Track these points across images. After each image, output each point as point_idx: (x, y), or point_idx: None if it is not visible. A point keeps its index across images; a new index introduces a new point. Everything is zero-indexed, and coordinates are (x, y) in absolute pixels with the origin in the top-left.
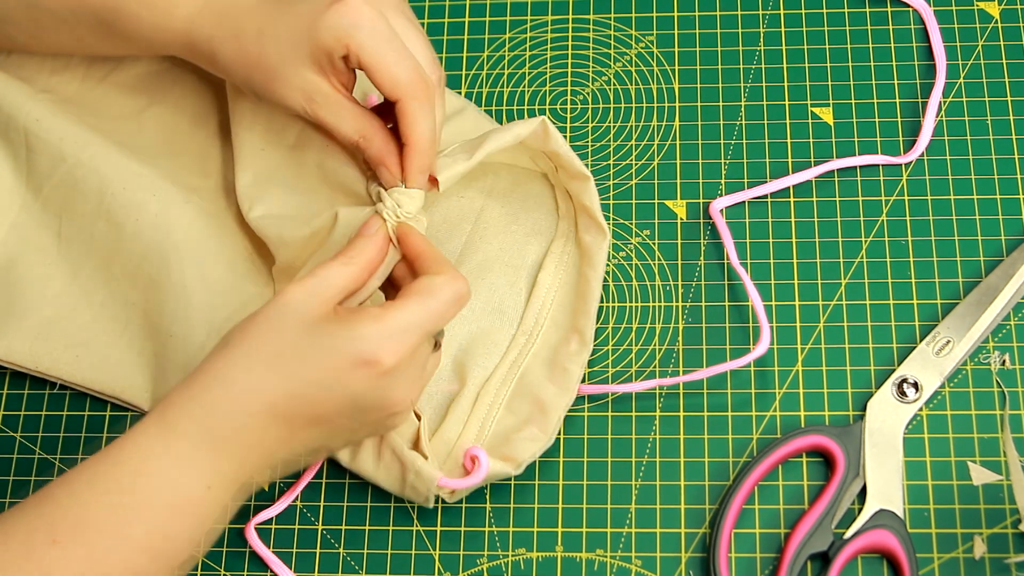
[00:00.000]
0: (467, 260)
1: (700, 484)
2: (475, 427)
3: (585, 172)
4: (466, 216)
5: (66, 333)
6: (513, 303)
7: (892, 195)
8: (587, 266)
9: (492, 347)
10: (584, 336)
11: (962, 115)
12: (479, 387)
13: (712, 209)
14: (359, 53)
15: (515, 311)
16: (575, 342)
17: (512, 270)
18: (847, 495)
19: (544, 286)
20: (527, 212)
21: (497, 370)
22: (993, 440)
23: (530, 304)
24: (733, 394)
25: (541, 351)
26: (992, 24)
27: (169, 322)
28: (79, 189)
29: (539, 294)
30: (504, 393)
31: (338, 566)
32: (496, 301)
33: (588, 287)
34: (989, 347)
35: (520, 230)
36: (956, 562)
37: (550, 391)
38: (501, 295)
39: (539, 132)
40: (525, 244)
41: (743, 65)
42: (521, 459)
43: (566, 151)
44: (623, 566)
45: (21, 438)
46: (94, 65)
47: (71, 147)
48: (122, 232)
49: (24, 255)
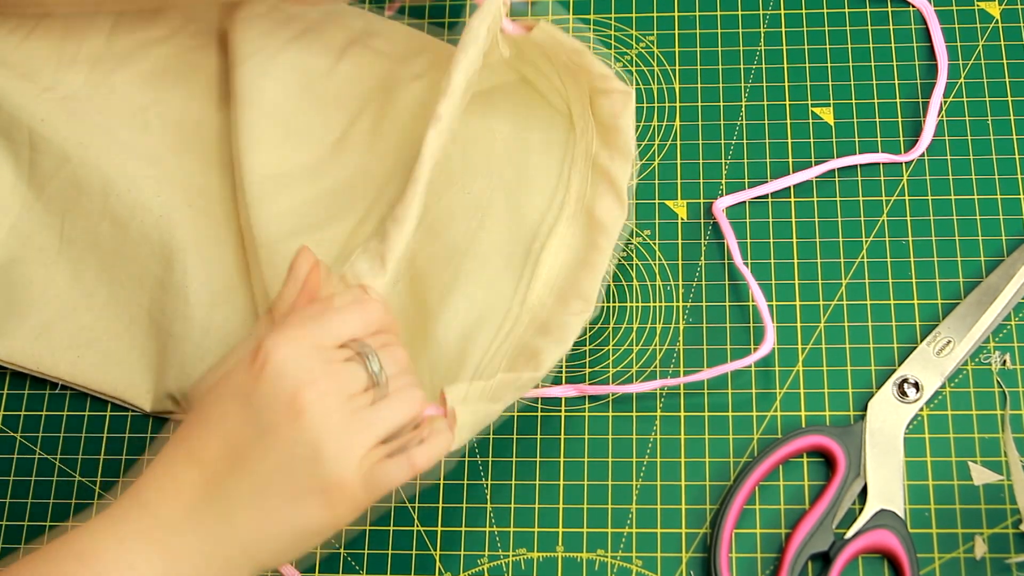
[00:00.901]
0: (470, 246)
1: (701, 484)
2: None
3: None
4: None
5: (68, 334)
6: (510, 284)
7: (893, 195)
8: (599, 233)
9: (494, 329)
10: (588, 298)
11: (963, 115)
12: (476, 364)
13: (715, 209)
14: None
15: (515, 291)
16: (575, 304)
17: (513, 250)
18: (848, 495)
19: (546, 265)
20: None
21: (492, 345)
22: (994, 440)
23: (532, 286)
24: (734, 394)
25: (537, 317)
26: (993, 24)
27: (170, 321)
28: (83, 189)
29: (541, 273)
30: (501, 358)
31: (338, 566)
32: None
33: (598, 255)
34: (990, 347)
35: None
36: (957, 562)
37: (544, 343)
38: (499, 274)
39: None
40: (526, 213)
41: (744, 65)
42: (509, 400)
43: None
44: (624, 566)
45: (21, 438)
46: (101, 60)
47: (76, 147)
48: (127, 233)
49: (25, 255)
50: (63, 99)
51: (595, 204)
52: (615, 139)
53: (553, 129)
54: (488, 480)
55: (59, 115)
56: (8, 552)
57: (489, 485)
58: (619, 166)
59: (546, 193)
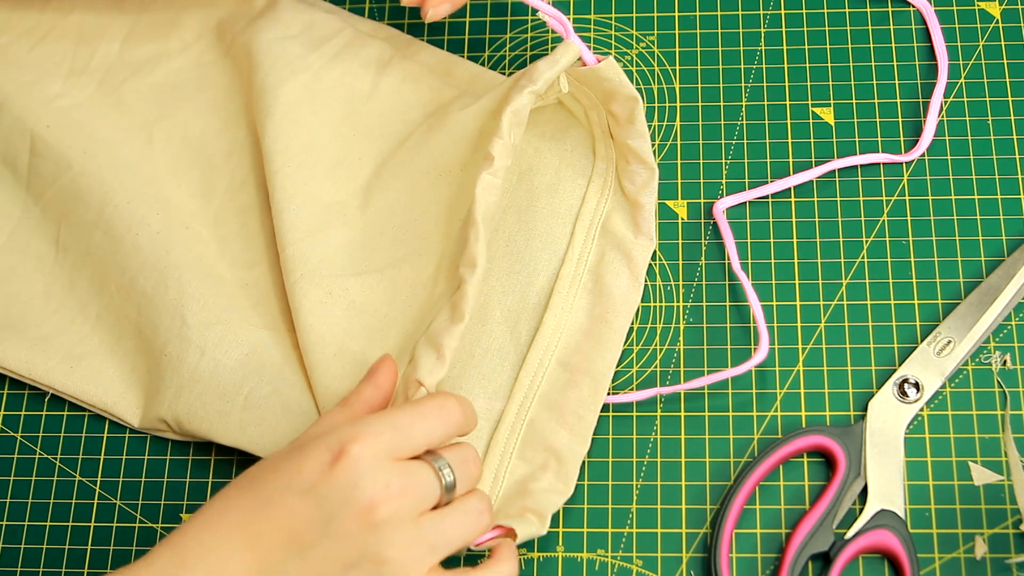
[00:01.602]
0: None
1: (701, 484)
2: (489, 477)
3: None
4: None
5: (63, 346)
6: (514, 343)
7: (893, 195)
8: (604, 305)
9: (497, 390)
10: (598, 381)
11: (963, 115)
12: (488, 436)
13: (715, 210)
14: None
15: (516, 351)
16: (586, 386)
17: (515, 301)
18: (848, 495)
19: (550, 327)
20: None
21: (505, 416)
22: (994, 440)
23: (534, 345)
24: (734, 394)
25: (548, 393)
26: (993, 24)
27: (163, 341)
28: (81, 197)
29: (544, 334)
30: (514, 441)
31: None
32: (496, 341)
33: (609, 331)
34: (990, 347)
35: (527, 252)
36: (957, 562)
37: (563, 438)
38: (501, 336)
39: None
40: (531, 280)
41: (744, 65)
42: (545, 513)
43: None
44: (624, 566)
45: (21, 438)
46: (112, 70)
47: (79, 155)
48: (120, 245)
49: (23, 263)
50: (73, 107)
51: (605, 273)
52: (637, 215)
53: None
54: None
55: (65, 123)
56: (8, 552)
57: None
58: (641, 246)
59: (554, 250)
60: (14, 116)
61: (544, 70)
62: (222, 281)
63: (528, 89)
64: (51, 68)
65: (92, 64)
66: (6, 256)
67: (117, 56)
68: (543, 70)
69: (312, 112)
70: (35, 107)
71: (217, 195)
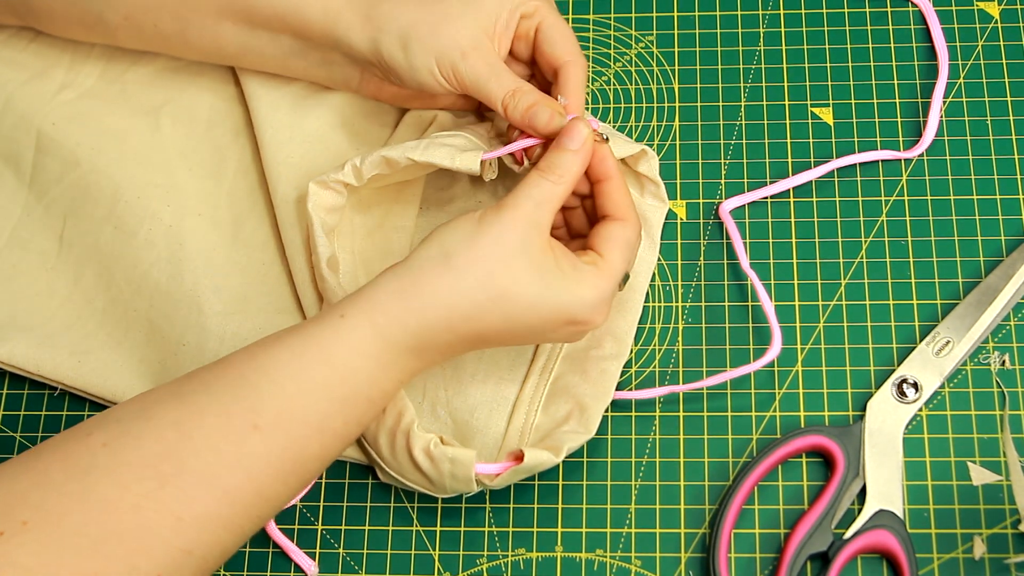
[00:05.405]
0: None
1: (700, 484)
2: (515, 436)
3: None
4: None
5: (70, 341)
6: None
7: (892, 195)
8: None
9: (520, 352)
10: (620, 340)
11: (962, 115)
12: (514, 396)
13: (722, 211)
14: (544, 16)
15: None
16: (609, 345)
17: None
18: (847, 495)
19: None
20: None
21: (529, 376)
22: (993, 440)
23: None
24: (733, 394)
25: (571, 353)
26: (992, 24)
27: (180, 331)
28: (90, 194)
29: None
30: (539, 398)
31: (338, 566)
32: None
33: (626, 288)
34: (989, 347)
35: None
36: (956, 562)
37: (586, 390)
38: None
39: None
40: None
41: (743, 65)
42: (562, 447)
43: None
44: (623, 566)
45: (21, 438)
46: (113, 60)
47: (88, 152)
48: (132, 239)
49: (26, 259)
50: (78, 98)
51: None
52: (640, 182)
53: None
54: None
55: (71, 120)
56: None
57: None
58: (652, 207)
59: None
60: (19, 114)
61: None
62: (238, 266)
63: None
64: (52, 61)
65: (92, 56)
66: (8, 254)
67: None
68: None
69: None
70: (40, 104)
71: (228, 176)
